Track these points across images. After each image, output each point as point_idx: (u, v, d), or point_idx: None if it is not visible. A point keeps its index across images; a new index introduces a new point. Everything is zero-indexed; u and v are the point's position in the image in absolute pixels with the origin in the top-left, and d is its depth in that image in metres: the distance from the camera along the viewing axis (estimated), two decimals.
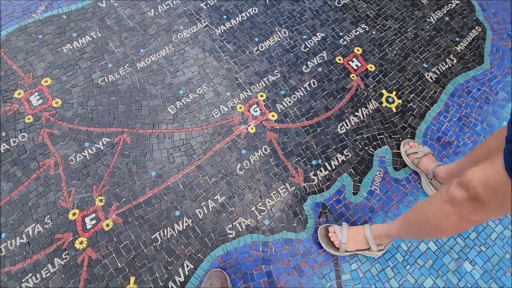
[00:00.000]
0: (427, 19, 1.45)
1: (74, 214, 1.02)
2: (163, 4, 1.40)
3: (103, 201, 1.04)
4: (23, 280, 0.94)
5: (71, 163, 1.09)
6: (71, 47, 1.28)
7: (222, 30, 1.36)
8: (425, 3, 1.51)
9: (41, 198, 1.03)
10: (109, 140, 1.13)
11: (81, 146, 1.12)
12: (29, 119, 1.14)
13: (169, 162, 1.11)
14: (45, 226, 1.00)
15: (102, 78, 1.23)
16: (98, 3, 1.38)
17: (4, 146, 1.10)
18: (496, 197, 0.49)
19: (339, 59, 1.34)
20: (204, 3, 1.42)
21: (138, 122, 1.17)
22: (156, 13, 1.38)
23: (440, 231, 0.65)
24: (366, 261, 1.02)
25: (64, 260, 0.96)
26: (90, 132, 1.14)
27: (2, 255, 0.96)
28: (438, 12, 1.47)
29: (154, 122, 1.17)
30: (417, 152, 1.10)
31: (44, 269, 0.95)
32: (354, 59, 1.35)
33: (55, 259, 0.97)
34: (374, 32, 1.42)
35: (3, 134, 1.11)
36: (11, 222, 1.00)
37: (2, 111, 1.15)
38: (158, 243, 1.00)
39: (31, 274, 0.95)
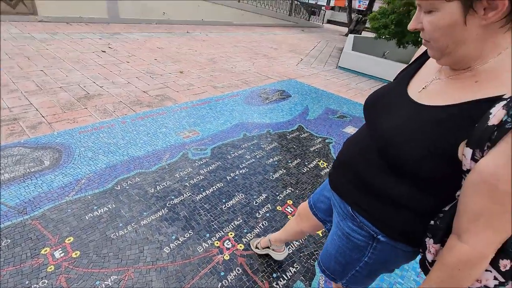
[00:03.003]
0: None
1: None
2: (160, 185, 2.12)
3: None
4: None
5: None
6: (92, 215, 1.79)
7: (200, 197, 2.06)
8: (323, 174, 2.52)
9: None
10: (116, 277, 1.45)
11: (93, 284, 1.40)
12: (50, 268, 1.45)
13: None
14: None
15: (114, 233, 1.68)
16: (115, 187, 2.04)
17: None
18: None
19: (279, 208, 2.06)
20: (187, 182, 2.19)
21: (141, 261, 1.55)
22: (155, 190, 2.07)
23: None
24: None
25: None
26: (102, 273, 1.46)
27: None
28: None
29: (153, 259, 1.56)
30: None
31: None
32: (288, 207, 2.08)
33: None
34: (297, 191, 2.26)
35: (27, 282, 1.37)
36: None
37: (28, 264, 1.45)
38: None
39: None
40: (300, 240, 1.81)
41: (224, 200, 2.06)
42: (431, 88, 0.67)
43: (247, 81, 4.76)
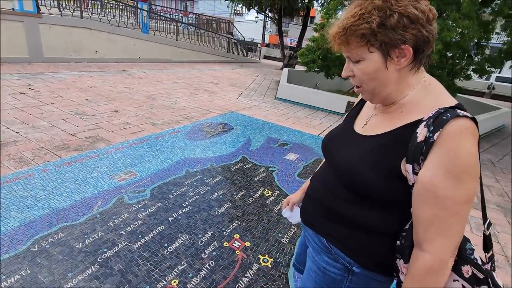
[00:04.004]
0: (272, 211, 2.42)
1: None
2: (90, 238, 1.88)
3: None
4: None
5: None
6: None
7: (139, 245, 1.87)
8: (268, 202, 2.54)
9: None
10: None
11: None
12: None
13: None
14: None
15: None
16: (31, 248, 1.73)
17: None
18: None
19: (226, 244, 1.98)
20: (123, 230, 1.98)
21: None
22: (83, 245, 1.82)
23: None
24: None
25: None
26: None
27: None
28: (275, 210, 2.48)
29: None
30: None
31: None
32: (235, 241, 2.01)
33: None
34: (244, 224, 2.22)
35: None
36: None
37: None
38: None
39: None
40: (247, 279, 1.74)
41: (166, 245, 1.91)
42: (370, 123, 0.81)
43: (189, 116, 4.73)
